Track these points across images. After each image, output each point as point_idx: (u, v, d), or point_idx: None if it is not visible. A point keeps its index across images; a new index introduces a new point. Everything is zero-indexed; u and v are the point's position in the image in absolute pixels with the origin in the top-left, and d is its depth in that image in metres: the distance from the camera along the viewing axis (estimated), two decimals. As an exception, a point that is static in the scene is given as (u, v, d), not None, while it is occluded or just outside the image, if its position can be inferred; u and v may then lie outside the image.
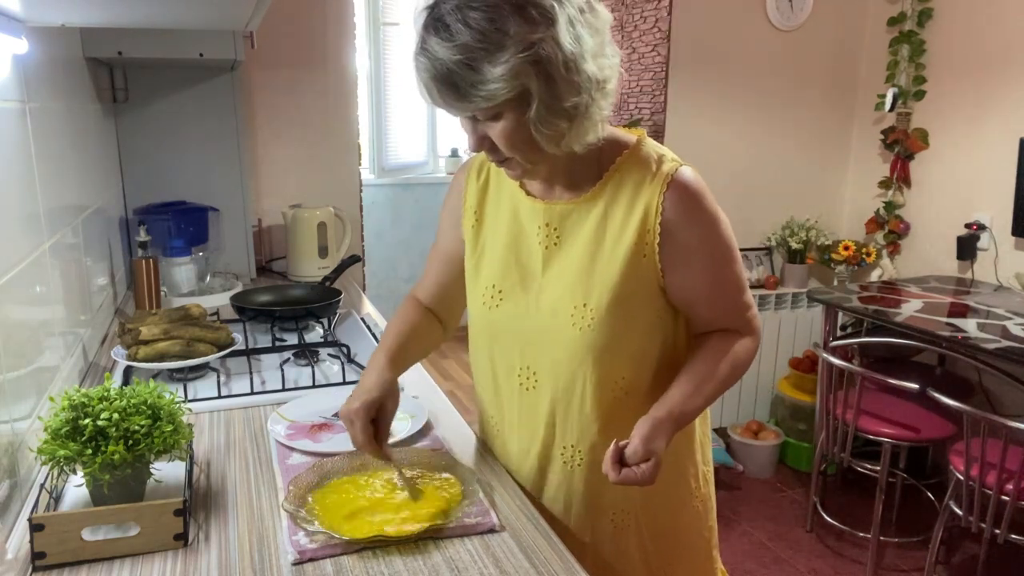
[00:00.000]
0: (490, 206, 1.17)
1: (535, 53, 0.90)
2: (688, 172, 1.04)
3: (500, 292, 1.13)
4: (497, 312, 1.14)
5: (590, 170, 1.07)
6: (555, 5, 0.91)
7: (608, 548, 1.16)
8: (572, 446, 1.12)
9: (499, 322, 1.14)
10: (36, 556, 0.91)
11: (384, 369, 1.13)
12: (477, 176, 1.18)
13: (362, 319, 2.01)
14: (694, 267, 1.05)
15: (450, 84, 0.92)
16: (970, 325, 2.39)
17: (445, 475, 1.11)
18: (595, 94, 0.96)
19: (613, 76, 0.99)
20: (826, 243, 3.38)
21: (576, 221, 1.08)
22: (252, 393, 1.46)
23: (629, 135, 1.09)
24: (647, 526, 1.17)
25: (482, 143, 1.00)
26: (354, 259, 2.20)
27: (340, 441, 1.25)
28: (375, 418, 1.09)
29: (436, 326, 1.28)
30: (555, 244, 1.09)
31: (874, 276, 3.39)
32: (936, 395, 2.22)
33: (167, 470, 1.11)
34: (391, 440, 1.21)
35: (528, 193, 1.12)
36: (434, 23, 0.92)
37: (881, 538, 2.63)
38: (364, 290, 2.71)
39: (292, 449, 1.22)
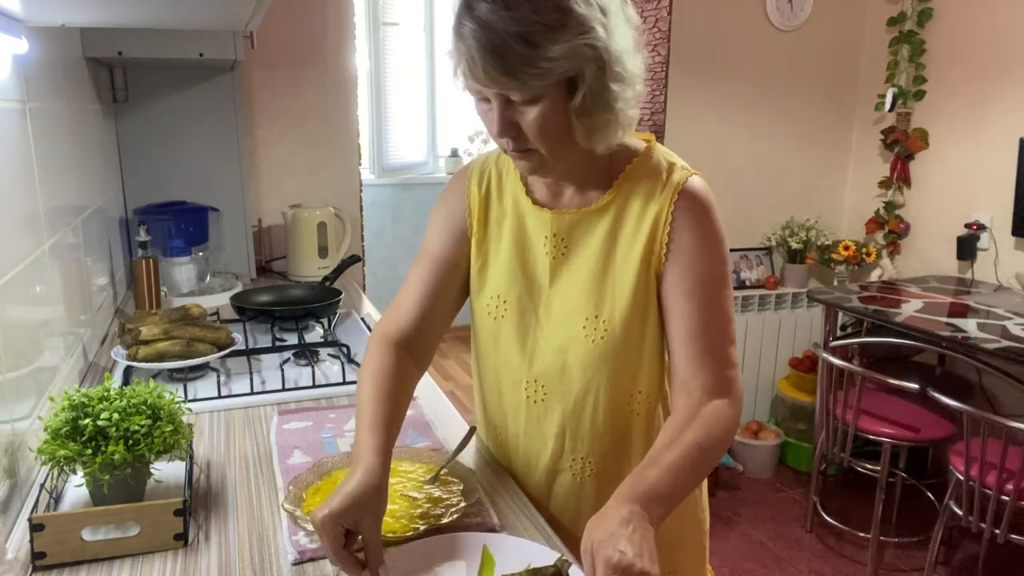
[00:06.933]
0: (493, 215, 1.11)
1: (595, 36, 0.87)
2: (698, 182, 1.02)
3: (505, 303, 1.09)
4: (503, 323, 1.09)
5: (600, 176, 1.04)
6: None
7: None
8: (582, 458, 1.09)
9: (505, 333, 1.10)
10: (36, 556, 0.91)
11: (372, 455, 0.92)
12: (479, 184, 1.12)
13: (362, 319, 2.01)
14: (687, 282, 0.99)
15: (498, 56, 0.85)
16: (970, 325, 2.39)
17: (445, 473, 1.12)
18: (637, 88, 0.94)
19: (641, 78, 0.96)
20: (826, 243, 3.38)
21: (585, 231, 1.04)
22: (252, 393, 1.46)
23: (638, 141, 1.06)
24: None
25: (508, 129, 0.93)
26: (354, 259, 2.20)
27: None
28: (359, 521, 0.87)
29: (412, 371, 1.09)
30: (563, 255, 1.06)
31: (874, 276, 3.38)
32: (936, 395, 2.22)
33: (167, 470, 1.11)
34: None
35: (535, 202, 1.08)
36: None
37: (881, 538, 2.62)
38: (364, 290, 2.71)
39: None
